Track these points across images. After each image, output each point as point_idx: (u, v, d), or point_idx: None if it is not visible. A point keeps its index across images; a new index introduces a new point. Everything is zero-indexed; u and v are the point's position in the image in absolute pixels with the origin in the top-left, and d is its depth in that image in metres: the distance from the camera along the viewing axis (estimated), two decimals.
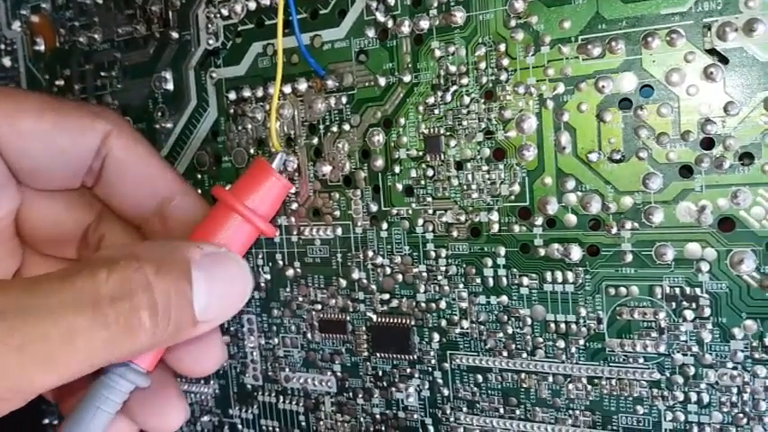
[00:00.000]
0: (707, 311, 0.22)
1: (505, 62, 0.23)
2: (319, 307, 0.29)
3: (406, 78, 0.25)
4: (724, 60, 0.21)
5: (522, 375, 0.25)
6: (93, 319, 0.18)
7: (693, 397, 0.23)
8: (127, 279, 0.19)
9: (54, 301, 0.18)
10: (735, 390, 0.22)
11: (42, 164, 0.24)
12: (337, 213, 0.28)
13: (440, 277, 0.26)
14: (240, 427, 0.32)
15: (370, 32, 0.26)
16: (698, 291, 0.22)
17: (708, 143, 0.21)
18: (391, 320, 0.27)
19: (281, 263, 0.29)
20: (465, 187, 0.25)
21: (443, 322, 0.26)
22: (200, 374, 0.27)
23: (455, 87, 0.24)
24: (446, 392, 0.27)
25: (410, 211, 0.26)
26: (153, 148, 0.26)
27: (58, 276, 0.18)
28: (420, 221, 0.26)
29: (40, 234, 0.26)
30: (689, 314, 0.22)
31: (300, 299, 0.29)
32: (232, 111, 0.29)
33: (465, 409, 0.26)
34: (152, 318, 0.19)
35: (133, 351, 0.19)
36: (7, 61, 0.36)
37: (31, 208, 0.25)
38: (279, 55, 0.26)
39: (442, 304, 0.26)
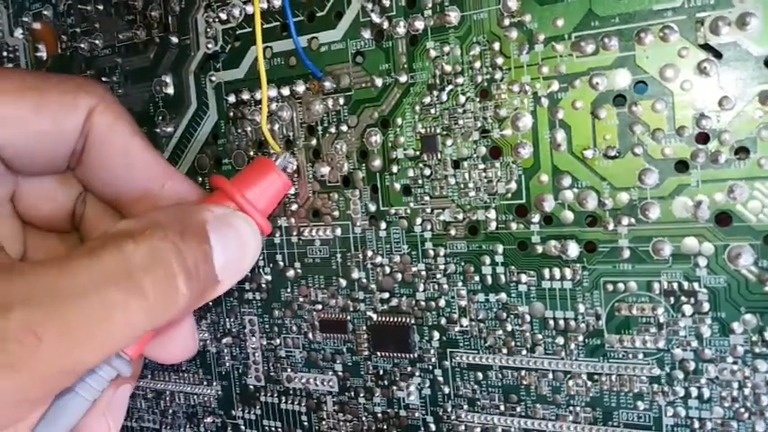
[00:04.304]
0: (705, 306, 0.22)
1: (500, 61, 0.23)
2: (320, 307, 0.29)
3: (403, 79, 0.25)
4: (718, 55, 0.21)
5: (522, 372, 0.25)
6: (129, 291, 0.18)
7: (694, 392, 0.22)
8: (156, 247, 0.19)
9: (85, 280, 0.17)
10: (735, 384, 0.22)
11: (25, 151, 0.22)
12: (336, 214, 0.28)
13: (439, 276, 0.26)
14: (243, 427, 0.32)
15: (367, 34, 0.26)
16: (696, 285, 0.22)
17: (703, 138, 0.21)
18: (391, 319, 0.27)
19: (281, 264, 0.30)
20: (462, 186, 0.25)
21: (443, 320, 0.26)
22: (169, 361, 0.26)
23: (451, 87, 0.25)
24: (447, 390, 0.27)
25: (408, 211, 0.26)
26: (139, 129, 0.24)
27: (85, 253, 0.18)
28: (418, 220, 0.26)
29: (36, 212, 0.25)
30: (687, 309, 0.22)
31: (301, 299, 0.29)
32: (232, 114, 0.30)
33: (466, 407, 0.27)
34: (187, 282, 0.19)
35: (170, 317, 0.19)
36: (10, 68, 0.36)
37: (23, 188, 0.24)
38: (260, 62, 0.26)
39: (442, 302, 0.26)
